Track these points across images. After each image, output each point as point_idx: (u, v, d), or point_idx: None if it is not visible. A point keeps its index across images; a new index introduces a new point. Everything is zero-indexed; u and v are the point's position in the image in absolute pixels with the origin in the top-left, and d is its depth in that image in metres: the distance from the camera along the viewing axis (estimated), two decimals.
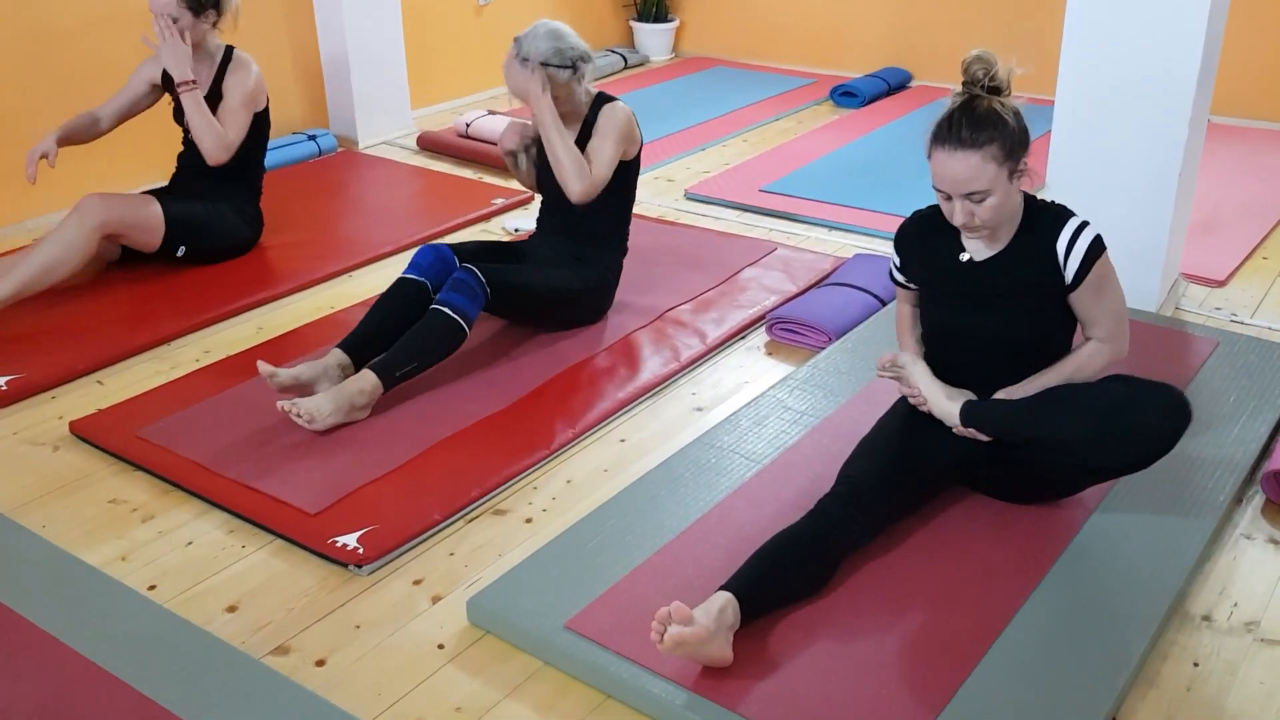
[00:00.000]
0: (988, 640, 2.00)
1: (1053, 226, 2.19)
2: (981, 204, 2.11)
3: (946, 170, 2.10)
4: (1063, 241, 2.17)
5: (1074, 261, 2.16)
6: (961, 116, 2.09)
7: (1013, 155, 2.10)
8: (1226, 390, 2.80)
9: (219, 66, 3.61)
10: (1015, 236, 2.22)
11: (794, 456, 2.58)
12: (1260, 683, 1.96)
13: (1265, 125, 5.10)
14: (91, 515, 2.49)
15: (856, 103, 5.58)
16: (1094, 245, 2.17)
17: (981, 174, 2.08)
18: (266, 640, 2.11)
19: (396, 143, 5.17)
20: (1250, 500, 2.45)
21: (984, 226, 2.15)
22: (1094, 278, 2.17)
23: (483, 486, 2.53)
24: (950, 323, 2.31)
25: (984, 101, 2.11)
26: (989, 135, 2.07)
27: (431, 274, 3.01)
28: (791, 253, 3.78)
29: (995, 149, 2.07)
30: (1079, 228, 2.18)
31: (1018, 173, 2.13)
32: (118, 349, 3.19)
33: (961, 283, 2.27)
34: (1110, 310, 2.23)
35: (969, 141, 2.07)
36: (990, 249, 2.24)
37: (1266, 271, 3.62)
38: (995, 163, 2.08)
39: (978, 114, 2.09)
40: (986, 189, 2.09)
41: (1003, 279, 2.22)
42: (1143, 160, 3.12)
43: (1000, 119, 2.09)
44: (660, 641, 1.86)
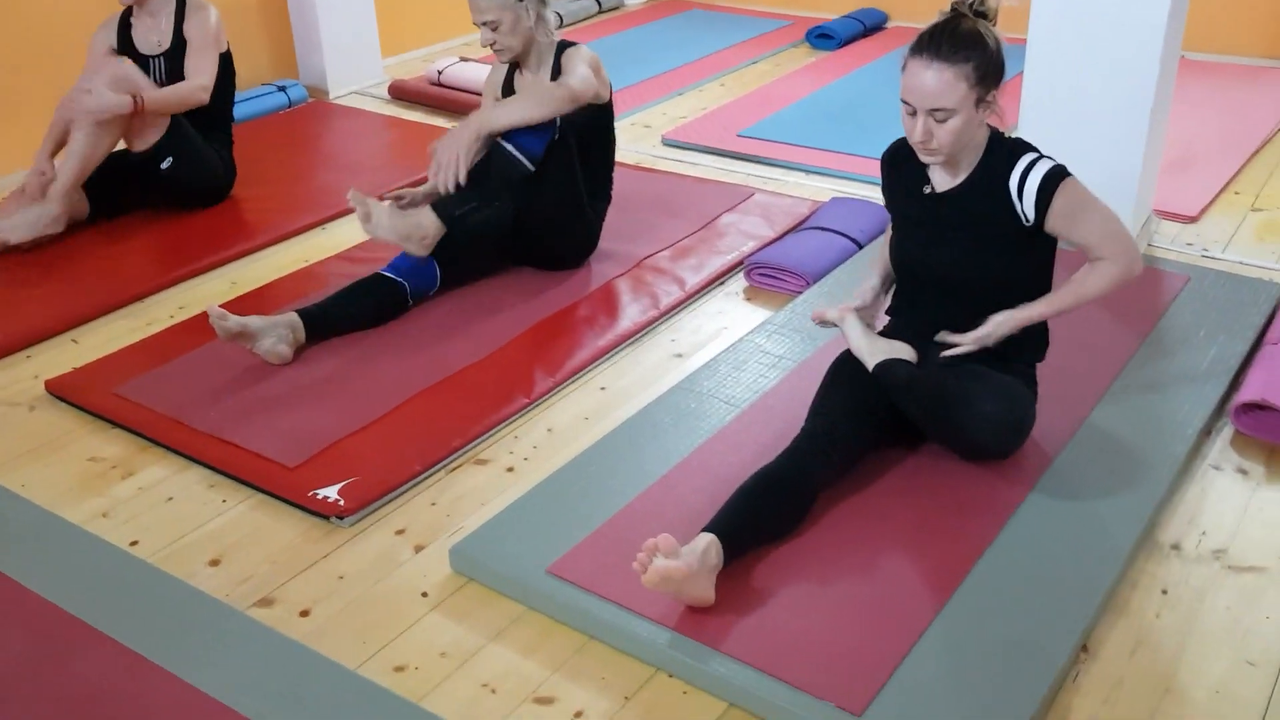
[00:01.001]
0: (961, 574, 2.04)
1: (1007, 162, 2.18)
2: (943, 124, 2.10)
3: (917, 81, 2.10)
4: (1014, 179, 2.16)
5: (1029, 197, 2.15)
6: (943, 31, 2.10)
7: (985, 81, 2.10)
8: (1197, 325, 2.83)
9: (176, 13, 3.56)
10: (974, 170, 2.22)
11: (773, 400, 2.60)
12: (1227, 609, 2.00)
13: (1237, 60, 5.10)
14: (71, 474, 2.50)
15: (833, 44, 5.54)
16: (1048, 178, 2.15)
17: (951, 91, 2.07)
18: (250, 593, 2.13)
19: (368, 92, 5.11)
20: (1219, 432, 2.49)
21: (940, 151, 2.14)
22: (1060, 207, 2.15)
23: (464, 436, 2.54)
24: (911, 255, 2.32)
25: (968, 22, 2.12)
26: (966, 54, 2.08)
27: (411, 277, 3.00)
28: (769, 198, 3.78)
29: (969, 69, 2.08)
30: (1031, 164, 2.16)
31: (985, 102, 2.12)
32: (92, 307, 3.17)
33: (923, 214, 2.28)
34: (1099, 230, 2.19)
35: (946, 55, 2.08)
36: (951, 180, 2.24)
37: (1238, 207, 3.64)
38: (966, 83, 2.08)
39: (960, 31, 2.09)
40: (953, 108, 2.09)
41: (958, 213, 2.23)
42: (1115, 97, 3.12)
43: (982, 41, 2.09)
44: (644, 573, 1.88)
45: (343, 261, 3.40)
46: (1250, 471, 2.36)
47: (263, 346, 2.77)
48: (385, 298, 2.98)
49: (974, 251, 2.23)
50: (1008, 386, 2.24)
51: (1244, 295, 2.97)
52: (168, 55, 3.57)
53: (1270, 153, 4.06)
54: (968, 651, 1.88)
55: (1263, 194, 3.73)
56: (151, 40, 3.59)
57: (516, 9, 3.00)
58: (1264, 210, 3.61)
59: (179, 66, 3.57)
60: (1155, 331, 2.81)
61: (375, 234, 2.92)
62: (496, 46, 3.06)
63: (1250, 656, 1.90)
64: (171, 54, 3.56)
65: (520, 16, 3.02)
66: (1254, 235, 3.44)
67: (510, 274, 3.24)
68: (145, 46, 3.59)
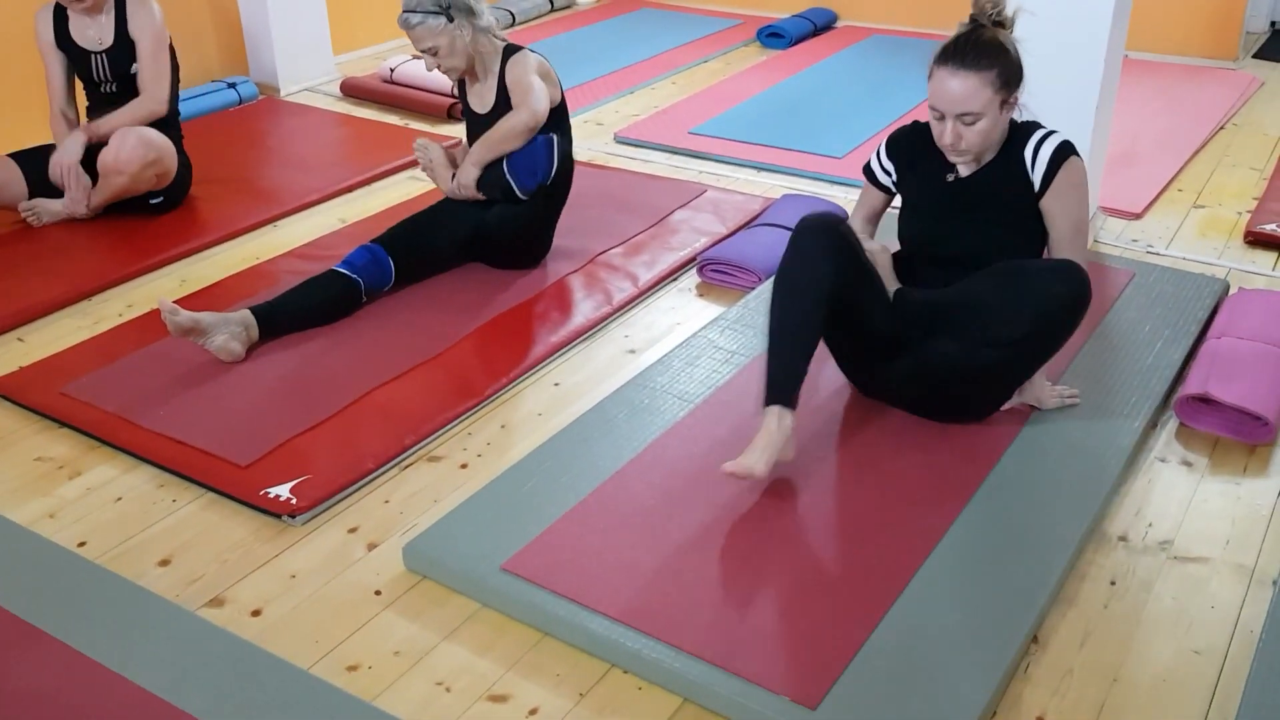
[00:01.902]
0: (914, 564, 2.06)
1: (1023, 138, 2.33)
2: (971, 126, 2.24)
3: (946, 88, 2.22)
4: (1029, 149, 2.31)
5: (1040, 165, 2.30)
6: (967, 41, 2.22)
7: (1008, 85, 2.23)
8: (1142, 320, 2.88)
9: (117, 8, 3.49)
10: (996, 155, 2.36)
11: (726, 395, 2.61)
12: (1173, 599, 2.04)
13: (1179, 60, 5.19)
14: (16, 474, 2.45)
15: (784, 43, 5.57)
16: (1059, 150, 2.29)
17: (978, 96, 2.20)
18: (200, 593, 2.11)
19: (319, 89, 5.07)
20: (1165, 424, 2.54)
21: (969, 151, 2.28)
22: (1062, 180, 2.29)
23: (416, 433, 2.53)
24: (929, 233, 2.43)
25: (989, 32, 2.24)
26: (990, 61, 2.20)
27: (365, 274, 2.99)
28: (721, 194, 3.79)
29: (994, 75, 2.21)
30: (1045, 135, 2.32)
31: (1009, 103, 2.26)
32: (38, 305, 3.12)
33: (944, 198, 2.40)
34: (1072, 224, 2.32)
35: (971, 64, 2.20)
36: (976, 166, 2.37)
37: (1181, 203, 3.71)
38: (992, 89, 2.21)
39: (983, 41, 2.22)
40: (980, 112, 2.22)
41: (982, 191, 2.36)
42: (1060, 95, 3.15)
43: (1003, 49, 2.23)
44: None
45: (294, 259, 3.37)
46: (1194, 463, 2.41)
47: (215, 343, 2.74)
48: (339, 294, 2.96)
49: (991, 227, 2.36)
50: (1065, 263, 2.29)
51: (1188, 290, 3.02)
52: (110, 52, 3.49)
53: (1211, 151, 4.14)
54: (920, 643, 1.90)
55: (1205, 191, 3.80)
56: (91, 35, 3.49)
57: (450, 31, 3.00)
58: (1206, 207, 3.68)
59: (123, 64, 3.50)
60: (1101, 326, 2.85)
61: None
62: (442, 69, 3.08)
63: (1196, 645, 1.94)
64: (114, 51, 3.48)
65: (455, 38, 3.01)
66: (1196, 231, 3.50)
67: (464, 271, 3.23)
68: (85, 41, 3.49)
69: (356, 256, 3.00)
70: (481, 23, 3.06)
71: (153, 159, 3.45)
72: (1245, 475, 2.37)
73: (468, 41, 3.04)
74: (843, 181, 3.91)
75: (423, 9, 2.99)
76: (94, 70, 3.51)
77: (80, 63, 3.51)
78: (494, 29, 3.11)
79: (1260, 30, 5.57)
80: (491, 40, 3.10)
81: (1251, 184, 3.84)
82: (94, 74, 3.51)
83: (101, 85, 3.54)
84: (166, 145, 3.50)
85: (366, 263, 3.00)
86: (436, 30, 2.99)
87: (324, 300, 2.94)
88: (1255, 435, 2.44)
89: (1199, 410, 2.49)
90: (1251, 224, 3.44)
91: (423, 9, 2.99)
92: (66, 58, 3.51)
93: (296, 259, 3.36)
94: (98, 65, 3.50)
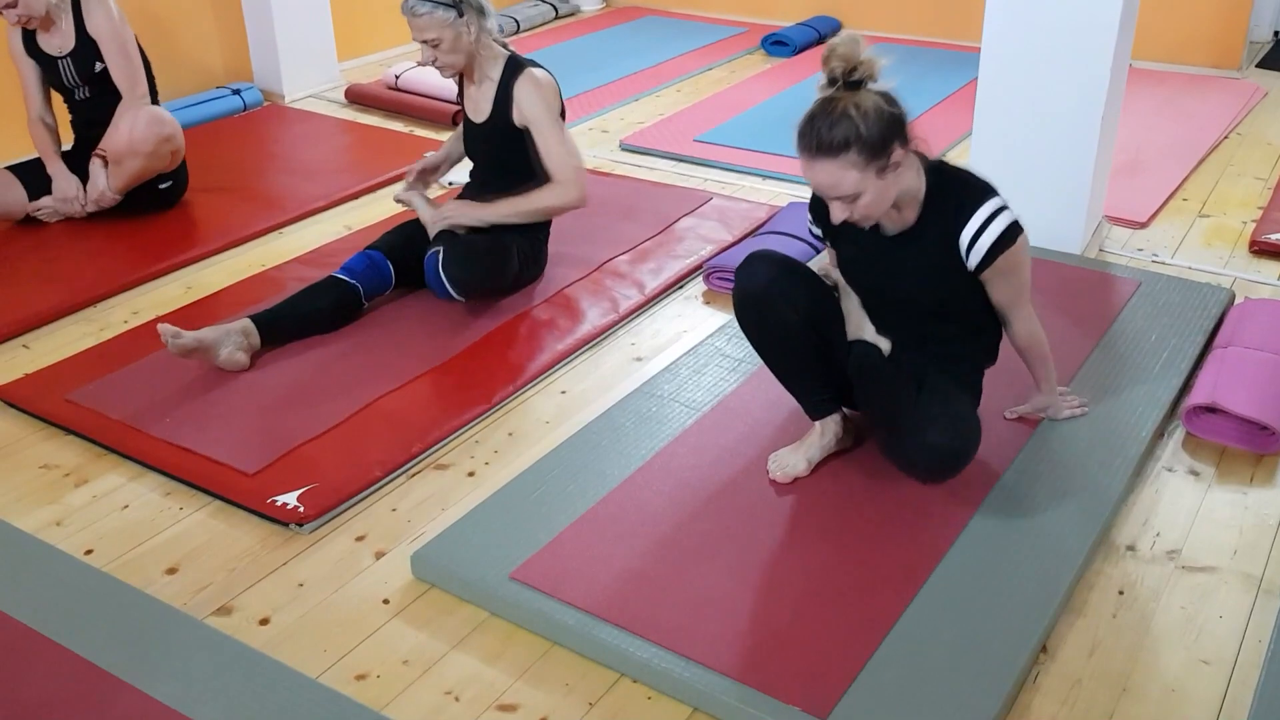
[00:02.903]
0: (922, 577, 2.06)
1: (958, 213, 2.12)
2: (856, 203, 2.04)
3: (810, 176, 2.05)
4: (967, 233, 2.11)
5: (979, 253, 2.12)
6: (818, 122, 1.99)
7: (876, 154, 1.98)
8: (1148, 329, 2.88)
9: (74, 12, 3.46)
10: (922, 215, 2.16)
11: (733, 403, 2.61)
12: (1181, 608, 2.04)
13: (1184, 69, 5.20)
14: (23, 481, 2.45)
15: (788, 51, 5.58)
16: (1002, 238, 2.10)
17: (843, 180, 2.00)
18: (208, 601, 2.10)
19: (324, 96, 5.07)
20: (1172, 434, 2.53)
21: (868, 219, 2.10)
22: (1001, 265, 2.13)
23: (424, 441, 2.52)
24: (864, 284, 2.30)
25: (839, 103, 1.99)
26: (844, 140, 1.96)
27: (364, 279, 2.98)
28: (727, 202, 3.80)
29: (853, 155, 1.97)
30: (987, 219, 2.10)
31: (889, 166, 2.01)
32: (44, 312, 3.12)
33: (873, 251, 2.23)
34: (1013, 290, 2.20)
35: (825, 149, 1.98)
36: (899, 225, 2.18)
37: (1186, 212, 3.71)
38: (855, 169, 1.98)
39: (833, 118, 1.97)
40: (853, 192, 2.01)
41: (913, 258, 2.19)
42: (1066, 105, 3.17)
43: (858, 120, 1.96)
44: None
45: (299, 266, 3.37)
46: (1202, 473, 2.41)
47: (220, 357, 2.74)
48: (339, 300, 2.95)
49: (929, 284, 2.20)
50: (960, 415, 2.22)
51: (1193, 299, 3.02)
52: (74, 55, 3.47)
53: (1217, 159, 4.15)
54: (930, 653, 1.90)
55: (1210, 200, 3.80)
56: (54, 43, 3.48)
57: (456, 26, 2.91)
58: (1211, 216, 3.68)
59: (88, 65, 3.48)
60: (1108, 336, 2.85)
61: None
62: (438, 64, 2.97)
63: (1204, 655, 1.93)
64: (78, 54, 3.47)
65: (460, 34, 2.92)
66: (1202, 240, 3.50)
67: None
68: (49, 48, 3.49)
69: (355, 262, 3.00)
70: (489, 23, 3.01)
71: (168, 134, 3.49)
72: (1252, 485, 2.37)
73: (471, 40, 2.96)
74: None
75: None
76: (63, 77, 3.51)
77: (51, 71, 3.52)
78: (496, 33, 3.06)
79: (1264, 40, 5.58)
80: (493, 45, 3.05)
81: (1256, 193, 3.84)
82: (64, 80, 3.51)
83: (74, 91, 3.54)
84: (174, 120, 3.53)
85: (365, 268, 2.99)
86: (443, 22, 2.90)
87: (324, 306, 2.94)
88: (1262, 445, 2.44)
89: (1206, 420, 2.49)
90: (1256, 233, 3.45)
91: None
92: (38, 65, 3.52)
93: (302, 266, 3.36)
94: (65, 71, 3.50)
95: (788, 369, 2.33)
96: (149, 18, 4.57)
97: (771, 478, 2.33)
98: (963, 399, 2.27)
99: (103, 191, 3.51)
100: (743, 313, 2.29)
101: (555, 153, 2.99)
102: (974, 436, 2.24)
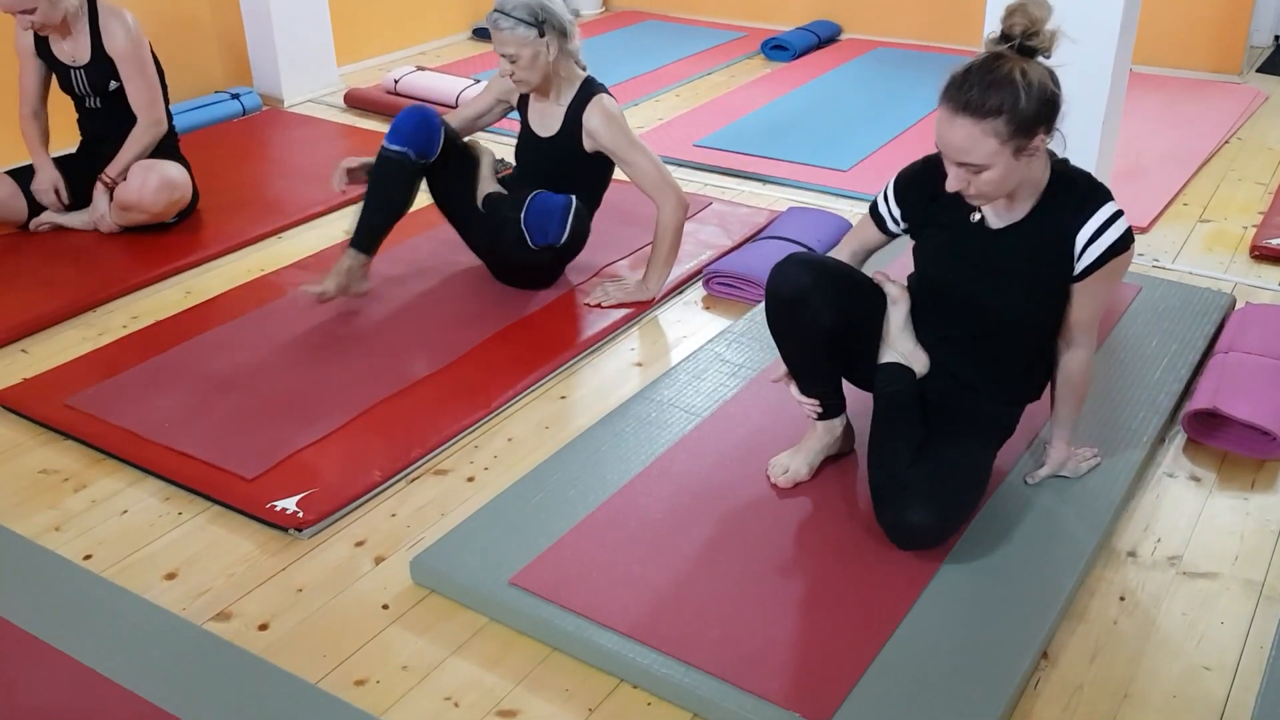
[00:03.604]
0: (923, 583, 2.05)
1: (1078, 210, 2.00)
2: (979, 176, 1.91)
3: (942, 134, 1.90)
4: (1086, 232, 1.99)
5: (1093, 254, 2.00)
6: (976, 77, 1.85)
7: (1022, 132, 1.86)
8: (1149, 334, 2.88)
9: (90, 24, 3.42)
10: (1036, 208, 2.02)
11: (733, 408, 2.60)
12: (1182, 614, 2.03)
13: (1185, 74, 5.20)
14: (22, 486, 2.45)
15: (788, 56, 5.58)
16: (1120, 241, 2.01)
17: (979, 147, 1.86)
18: (207, 606, 2.10)
19: (323, 100, 5.07)
20: (1173, 439, 2.53)
21: (982, 198, 1.97)
22: (1107, 271, 2.02)
23: (424, 446, 2.52)
24: (942, 282, 2.15)
25: (1006, 64, 1.86)
26: (997, 106, 1.84)
27: (414, 142, 2.95)
28: (726, 207, 3.79)
29: (1000, 123, 1.84)
30: (1110, 219, 2.00)
31: (1028, 150, 1.90)
32: (43, 316, 3.11)
33: (967, 244, 2.09)
34: (1097, 306, 2.09)
35: (973, 108, 1.85)
36: (1006, 217, 2.05)
37: (1187, 217, 3.71)
38: (997, 139, 1.86)
39: (994, 78, 1.84)
40: (983, 164, 1.88)
41: (1014, 254, 2.05)
42: (1067, 109, 3.15)
43: (1020, 88, 1.84)
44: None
45: (298, 271, 3.37)
46: (1203, 479, 2.40)
47: (361, 291, 3.04)
48: (411, 180, 3.00)
49: (1010, 290, 2.06)
50: (953, 492, 2.10)
51: (1194, 304, 3.02)
52: (88, 69, 3.45)
53: (1217, 164, 4.15)
54: (930, 659, 1.89)
55: (1210, 205, 3.80)
56: (66, 50, 3.45)
57: (537, 45, 2.92)
58: (1212, 221, 3.68)
59: (102, 80, 3.46)
60: (1108, 341, 2.85)
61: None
62: (515, 78, 2.99)
63: (1206, 662, 1.93)
64: (92, 69, 3.44)
65: (540, 52, 2.94)
66: (1203, 245, 3.50)
67: (470, 283, 3.23)
68: (61, 55, 3.47)
69: (403, 121, 2.96)
70: (571, 45, 3.01)
71: (177, 198, 3.51)
72: (1254, 490, 2.36)
73: (550, 59, 2.96)
74: (848, 194, 3.91)
75: (517, 14, 2.91)
76: (74, 84, 3.49)
77: (61, 75, 3.50)
78: (578, 55, 3.06)
79: (1264, 44, 5.58)
80: (572, 67, 3.05)
81: (1257, 198, 3.84)
82: (74, 87, 3.50)
83: (85, 99, 3.52)
84: (186, 181, 3.54)
85: (413, 128, 2.95)
86: (524, 40, 2.92)
87: (403, 198, 3.01)
88: (1263, 450, 2.44)
89: (1207, 425, 2.49)
90: (1257, 239, 3.44)
91: (517, 14, 2.91)
92: (46, 66, 3.50)
93: (301, 270, 3.36)
94: (77, 80, 3.48)
95: (808, 373, 2.25)
96: (148, 21, 4.55)
97: (773, 482, 2.32)
98: (962, 467, 2.12)
99: (102, 215, 3.51)
100: (775, 315, 2.18)
101: (650, 174, 3.05)
102: (958, 516, 2.12)
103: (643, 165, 3.05)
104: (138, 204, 3.43)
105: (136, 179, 3.42)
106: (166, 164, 3.48)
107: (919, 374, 2.19)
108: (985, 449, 2.22)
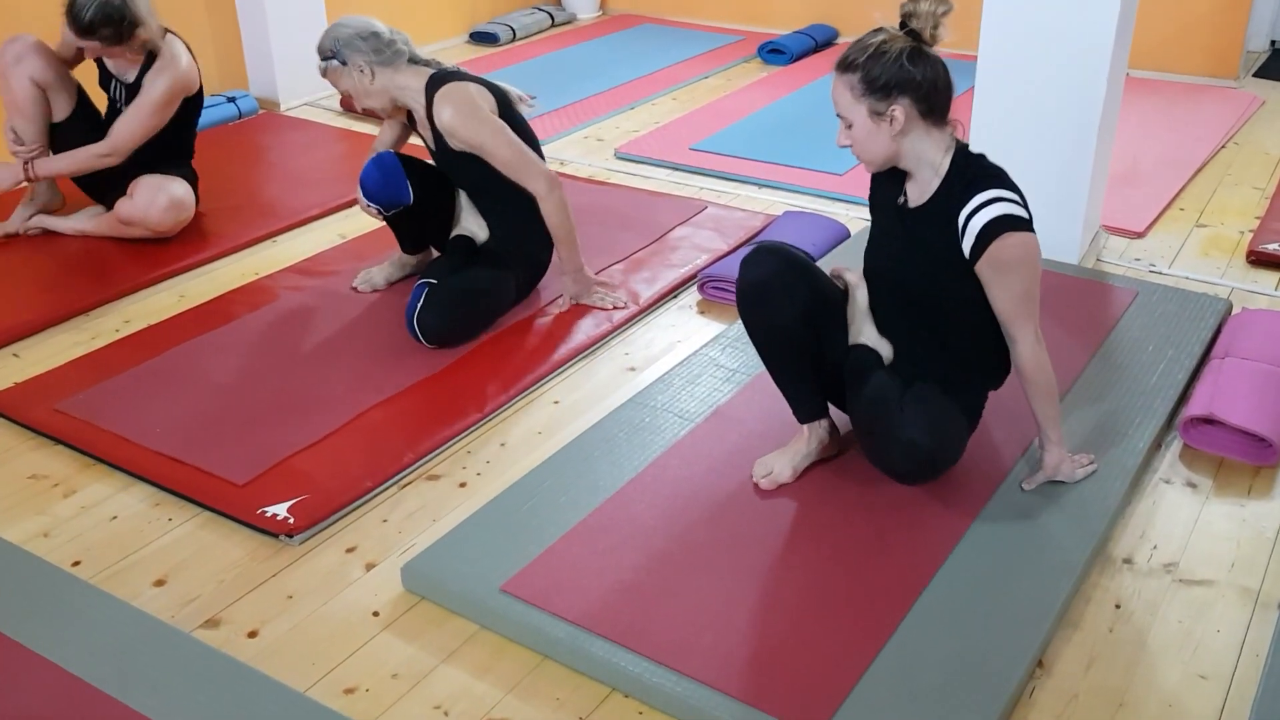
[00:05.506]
0: (917, 591, 2.04)
1: (965, 191, 2.11)
2: (850, 130, 2.13)
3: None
4: (965, 212, 2.09)
5: (970, 236, 2.09)
6: (854, 42, 2.11)
7: (873, 93, 2.06)
8: (1145, 339, 2.87)
9: (146, 58, 3.40)
10: (938, 190, 2.15)
11: (726, 414, 2.59)
12: (1179, 621, 2.02)
13: (1181, 79, 5.19)
14: (10, 492, 2.43)
15: (784, 60, 5.57)
16: (996, 223, 2.06)
17: (839, 98, 2.11)
18: (196, 613, 2.08)
19: (319, 104, 5.06)
20: (1169, 445, 2.52)
21: (860, 158, 2.17)
22: (992, 259, 2.07)
23: (415, 452, 2.51)
24: (877, 264, 2.30)
25: (879, 35, 2.09)
26: (854, 62, 2.07)
27: (382, 198, 2.97)
28: (722, 211, 3.78)
29: (855, 79, 2.07)
30: (983, 204, 2.07)
31: (881, 115, 2.07)
32: (34, 320, 3.10)
33: (894, 225, 2.24)
34: (1010, 297, 2.11)
35: (840, 63, 2.10)
36: (917, 199, 2.18)
37: (1184, 222, 3.70)
38: (851, 93, 2.08)
39: (862, 44, 2.09)
40: (844, 116, 2.12)
41: (919, 230, 2.18)
42: (1063, 114, 3.16)
43: (882, 55, 2.05)
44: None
45: (293, 275, 3.36)
46: (1199, 485, 2.39)
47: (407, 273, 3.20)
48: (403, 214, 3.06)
49: (930, 270, 2.18)
50: (944, 420, 2.20)
51: (1190, 310, 3.01)
52: (129, 89, 3.44)
53: (1213, 169, 4.14)
54: (925, 668, 1.88)
55: (1207, 210, 3.79)
56: (114, 62, 3.44)
57: (350, 73, 2.87)
58: (1208, 226, 3.67)
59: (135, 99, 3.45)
60: (1104, 346, 2.84)
61: None
62: (366, 111, 3.02)
63: (1202, 670, 1.92)
64: (132, 89, 3.43)
65: (357, 80, 2.88)
66: (1199, 250, 3.49)
67: None
68: (113, 68, 3.46)
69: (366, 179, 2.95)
70: (384, 57, 2.86)
71: (183, 218, 3.50)
72: (1250, 497, 2.35)
73: (369, 81, 2.87)
74: (843, 198, 3.90)
75: (321, 54, 2.88)
76: (112, 89, 3.49)
77: (102, 74, 3.49)
78: (403, 61, 2.89)
79: (1260, 49, 5.58)
80: (406, 75, 2.90)
81: (1253, 203, 3.83)
82: (111, 91, 3.49)
83: (117, 103, 3.50)
84: (193, 200, 3.54)
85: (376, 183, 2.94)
86: (337, 74, 2.89)
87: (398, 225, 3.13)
88: (1260, 457, 2.43)
89: (1203, 431, 2.48)
90: (1254, 244, 3.43)
91: (321, 54, 2.88)
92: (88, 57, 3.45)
93: (296, 275, 3.35)
94: (117, 92, 3.48)
95: (781, 364, 2.30)
96: None
97: (755, 482, 2.32)
98: (947, 405, 2.22)
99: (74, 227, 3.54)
100: (743, 303, 2.28)
101: (510, 162, 2.89)
102: (953, 439, 2.23)
103: (502, 155, 2.86)
104: (143, 221, 3.41)
105: (144, 197, 3.39)
106: (175, 182, 3.46)
107: (886, 360, 2.27)
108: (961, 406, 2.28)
